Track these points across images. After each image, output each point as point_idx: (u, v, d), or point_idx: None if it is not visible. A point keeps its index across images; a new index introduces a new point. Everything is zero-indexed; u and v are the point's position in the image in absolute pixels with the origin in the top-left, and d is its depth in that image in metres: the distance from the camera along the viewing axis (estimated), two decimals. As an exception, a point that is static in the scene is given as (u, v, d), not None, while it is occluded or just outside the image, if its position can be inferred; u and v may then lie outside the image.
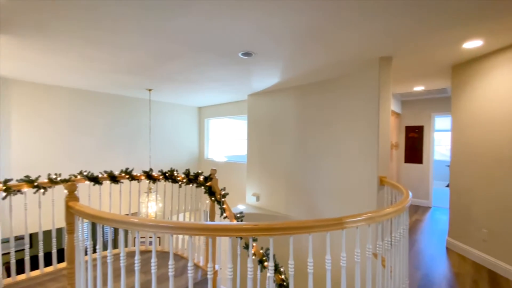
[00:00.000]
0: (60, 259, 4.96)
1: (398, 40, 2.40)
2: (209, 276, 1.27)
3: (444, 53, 2.78)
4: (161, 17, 1.99)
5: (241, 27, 2.13)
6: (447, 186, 7.66)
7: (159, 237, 5.79)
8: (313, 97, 3.90)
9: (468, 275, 2.69)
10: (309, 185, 3.92)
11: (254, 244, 2.36)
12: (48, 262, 5.57)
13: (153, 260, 1.28)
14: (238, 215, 2.39)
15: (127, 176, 2.89)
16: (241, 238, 2.21)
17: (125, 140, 5.35)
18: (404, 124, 5.81)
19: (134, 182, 3.08)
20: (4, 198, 2.19)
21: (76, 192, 1.62)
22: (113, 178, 2.81)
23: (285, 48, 2.56)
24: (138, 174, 2.95)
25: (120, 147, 5.27)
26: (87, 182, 2.66)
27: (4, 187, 2.19)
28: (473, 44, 2.51)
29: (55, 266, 2.52)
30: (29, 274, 2.39)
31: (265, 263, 2.30)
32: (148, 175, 2.98)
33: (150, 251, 2.96)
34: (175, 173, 2.97)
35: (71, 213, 1.58)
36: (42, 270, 2.46)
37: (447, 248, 3.31)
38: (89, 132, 4.82)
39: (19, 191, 2.28)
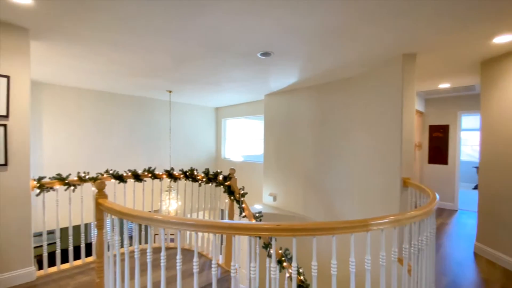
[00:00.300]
0: (88, 253, 5.22)
1: (423, 36, 2.31)
2: (233, 274, 1.28)
3: (472, 49, 2.64)
4: (183, 21, 2.04)
5: (261, 26, 2.14)
6: (475, 188, 7.27)
7: (173, 234, 5.93)
8: (331, 96, 3.84)
9: (498, 282, 2.54)
10: (328, 185, 3.86)
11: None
12: (76, 256, 5.87)
13: (179, 256, 1.32)
14: (257, 214, 2.40)
15: (150, 175, 2.99)
16: (259, 237, 2.23)
17: (147, 140, 5.54)
18: (428, 123, 5.57)
19: (156, 181, 3.17)
20: (38, 194, 2.34)
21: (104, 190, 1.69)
22: (137, 177, 2.91)
23: (304, 47, 2.54)
24: (160, 173, 3.04)
25: (142, 146, 5.46)
26: (113, 180, 2.78)
27: (38, 184, 2.33)
28: (504, 38, 2.36)
29: (84, 260, 2.66)
30: (59, 266, 2.54)
31: (284, 264, 2.30)
32: (170, 174, 3.06)
33: (169, 248, 3.04)
34: (195, 172, 3.03)
35: (100, 210, 1.66)
36: (72, 263, 2.60)
37: (475, 253, 3.14)
38: (113, 132, 5.04)
39: (51, 188, 2.42)
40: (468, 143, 8.43)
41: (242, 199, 2.44)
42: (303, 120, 4.28)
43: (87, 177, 2.57)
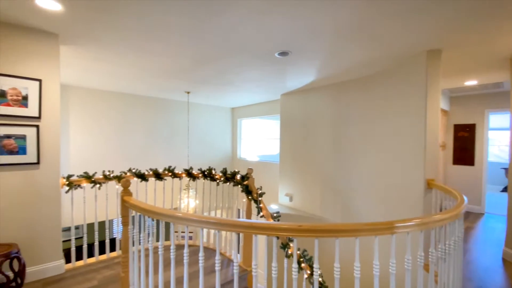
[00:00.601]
0: (111, 248, 5.45)
1: (449, 31, 2.21)
2: (254, 273, 1.29)
3: (502, 44, 2.49)
4: (204, 23, 2.07)
5: (280, 25, 2.13)
6: (503, 190, 6.86)
7: (192, 232, 6.04)
8: (350, 95, 3.76)
9: (532, 291, 2.39)
10: (346, 186, 3.78)
11: (291, 245, 2.35)
12: (101, 250, 6.14)
13: (201, 254, 1.35)
14: (275, 214, 2.40)
15: (170, 174, 3.06)
16: (277, 237, 2.22)
17: (166, 140, 5.69)
18: (453, 122, 5.32)
19: (175, 179, 3.25)
20: (67, 191, 2.46)
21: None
22: (158, 176, 3.00)
23: (323, 45, 2.51)
24: (180, 172, 3.11)
25: (161, 146, 5.62)
26: (135, 179, 2.88)
27: (67, 182, 2.46)
28: (541, 31, 2.21)
29: (108, 254, 2.77)
30: (86, 261, 2.66)
31: (302, 264, 2.28)
32: (189, 173, 3.13)
33: (184, 245, 3.10)
34: (213, 172, 3.08)
35: (126, 207, 1.72)
36: (97, 257, 2.72)
37: (503, 259, 2.97)
38: (134, 132, 5.21)
39: (79, 185, 2.55)
40: (495, 143, 7.97)
41: (260, 199, 2.44)
42: (320, 119, 4.23)
43: (111, 175, 2.68)
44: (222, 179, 2.96)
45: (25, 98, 2.16)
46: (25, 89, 2.16)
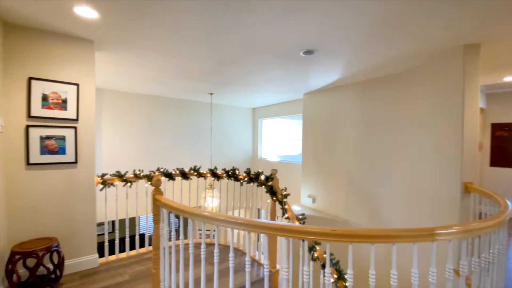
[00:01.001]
0: (140, 244, 5.72)
1: (489, 24, 2.05)
2: (285, 276, 1.28)
3: (555, 34, 2.27)
4: (228, 24, 2.09)
5: (307, 23, 2.10)
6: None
7: (208, 230, 6.13)
8: (378, 93, 3.61)
9: None
10: (373, 189, 3.65)
11: (318, 248, 2.31)
12: (131, 246, 6.44)
13: (231, 254, 1.36)
14: (300, 216, 2.36)
15: (195, 173, 3.13)
16: (303, 240, 2.19)
17: (190, 140, 5.85)
18: (490, 121, 4.95)
19: (198, 178, 3.32)
20: (101, 189, 2.60)
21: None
22: (184, 175, 3.07)
23: (351, 42, 2.43)
24: (205, 172, 3.17)
25: (185, 146, 5.78)
26: (163, 178, 2.97)
27: (101, 180, 2.60)
28: None
29: (138, 250, 2.89)
30: (118, 255, 2.79)
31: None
32: (213, 173, 3.18)
33: (211, 244, 3.15)
34: (237, 172, 3.10)
35: (157, 205, 1.78)
36: (128, 253, 2.84)
37: (554, 272, 2.71)
38: (160, 133, 5.42)
39: (112, 184, 2.68)
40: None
41: (284, 200, 2.42)
42: (345, 119, 4.11)
43: (141, 174, 2.79)
44: (245, 179, 2.97)
45: (64, 101, 2.31)
46: (65, 93, 2.31)
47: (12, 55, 2.11)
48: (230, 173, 3.07)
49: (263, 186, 2.71)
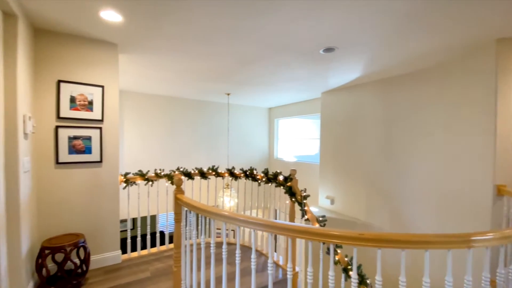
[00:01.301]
0: (160, 241, 5.88)
1: (530, 15, 1.90)
2: (309, 280, 1.25)
3: None
4: (248, 23, 2.08)
5: (329, 21, 2.05)
6: None
7: (233, 230, 6.17)
8: (402, 91, 3.48)
9: None
10: (396, 191, 3.51)
11: (339, 251, 2.25)
12: (150, 243, 6.64)
13: (253, 256, 1.35)
14: (321, 218, 2.31)
15: (213, 173, 3.16)
16: (323, 242, 2.14)
17: (207, 140, 5.93)
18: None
19: (214, 178, 3.35)
20: (124, 188, 2.68)
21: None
22: (203, 174, 3.11)
23: (375, 38, 2.35)
24: (222, 171, 3.19)
25: (203, 146, 5.87)
26: (182, 177, 3.02)
27: (125, 179, 2.68)
28: None
29: (158, 248, 2.96)
30: (140, 252, 2.87)
31: (350, 272, 2.17)
32: (231, 173, 3.19)
33: (230, 244, 3.16)
34: (255, 172, 3.09)
35: (179, 205, 1.81)
36: (149, 250, 2.91)
37: None
38: (179, 133, 5.53)
39: (134, 182, 2.76)
40: None
41: (304, 201, 2.38)
42: (366, 118, 3.99)
43: (162, 173, 2.85)
44: (263, 179, 2.95)
45: (90, 103, 2.40)
46: (91, 94, 2.40)
47: (42, 59, 2.22)
48: (247, 173, 3.07)
49: (282, 187, 2.68)
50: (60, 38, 2.28)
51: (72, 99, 2.32)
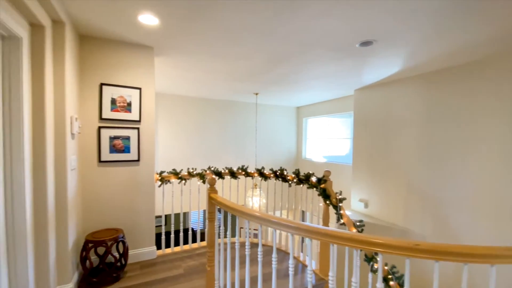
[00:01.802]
0: (192, 239, 6.05)
1: None
2: (331, 286, 1.16)
3: None
4: (279, 19, 2.02)
5: (367, 11, 1.91)
6: None
7: (256, 229, 6.14)
8: (447, 85, 3.17)
9: None
10: (440, 195, 3.21)
11: (379, 259, 2.09)
12: (182, 239, 6.85)
13: (291, 262, 1.28)
14: (358, 223, 2.18)
15: (243, 173, 3.14)
16: (361, 249, 2.01)
17: (235, 140, 5.99)
18: None
19: (239, 178, 3.33)
20: (159, 186, 2.77)
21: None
22: (232, 174, 3.11)
23: (418, 28, 2.16)
24: (252, 171, 3.16)
25: (231, 145, 5.93)
26: (213, 176, 3.05)
27: (160, 178, 2.76)
28: None
29: (190, 245, 3.01)
30: (173, 249, 2.95)
31: (391, 282, 2.01)
32: (261, 173, 3.15)
33: (256, 244, 3.12)
34: (285, 172, 3.02)
35: (212, 204, 1.80)
36: (182, 247, 2.98)
37: None
38: (208, 133, 5.65)
39: (168, 181, 2.84)
40: None
41: (340, 204, 2.26)
42: (405, 115, 3.71)
43: (194, 172, 2.90)
44: (294, 180, 2.87)
45: (129, 104, 2.51)
46: (129, 96, 2.51)
47: (86, 63, 2.36)
48: (277, 173, 3.00)
49: (314, 189, 2.58)
50: (102, 44, 2.41)
51: (113, 101, 2.45)
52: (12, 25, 1.42)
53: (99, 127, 2.41)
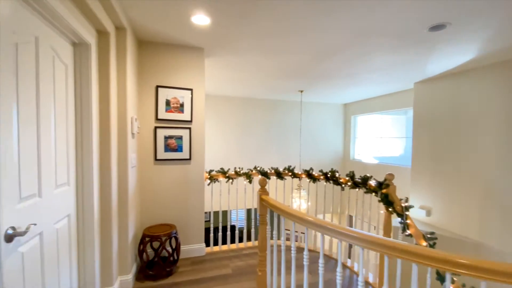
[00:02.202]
0: (237, 238, 6.13)
1: None
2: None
3: None
4: (337, 8, 1.84)
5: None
6: None
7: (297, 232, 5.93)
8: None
9: None
10: (532, 206, 2.65)
11: (455, 279, 1.79)
12: (227, 237, 7.03)
13: (339, 269, 1.12)
14: (429, 235, 1.88)
15: (290, 174, 3.02)
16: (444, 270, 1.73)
17: (278, 139, 5.89)
18: None
19: (286, 178, 3.20)
20: (209, 184, 2.81)
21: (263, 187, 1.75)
22: (279, 174, 3.01)
23: (504, 6, 1.77)
24: (300, 172, 3.02)
25: (274, 145, 5.85)
26: (259, 176, 2.99)
27: (209, 176, 2.80)
28: None
29: (237, 244, 3.00)
30: (221, 247, 2.97)
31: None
32: (309, 174, 2.99)
33: (302, 248, 2.95)
34: (337, 175, 2.81)
35: (264, 206, 1.72)
36: (229, 245, 2.98)
37: None
38: (251, 133, 5.66)
39: (216, 179, 2.86)
40: None
41: (406, 213, 1.99)
42: (480, 111, 3.17)
43: (241, 172, 2.88)
44: (348, 183, 2.64)
45: (181, 105, 2.59)
46: (182, 97, 2.58)
47: (143, 67, 2.49)
48: (328, 175, 2.81)
49: (374, 194, 2.33)
50: (157, 48, 2.52)
51: (167, 102, 2.55)
52: (83, 32, 1.52)
53: (155, 127, 2.53)
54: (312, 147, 6.25)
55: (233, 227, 8.03)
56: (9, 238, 0.98)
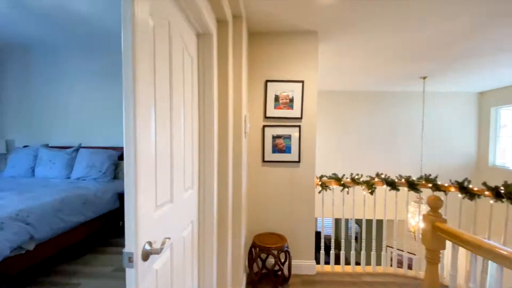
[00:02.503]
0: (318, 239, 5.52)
1: None
2: None
3: None
4: None
5: None
6: None
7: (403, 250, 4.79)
8: None
9: None
10: None
11: None
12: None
13: None
14: None
15: (430, 185, 2.28)
16: None
17: (385, 139, 4.97)
18: None
19: (422, 191, 2.42)
20: (320, 191, 2.41)
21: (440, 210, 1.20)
22: (412, 185, 2.32)
23: None
24: (447, 185, 2.24)
25: (380, 145, 4.97)
26: (384, 186, 2.39)
27: (320, 183, 2.40)
28: None
29: (353, 267, 2.48)
30: (333, 267, 2.51)
31: None
32: (462, 187, 2.18)
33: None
34: (471, 186, 1.92)
35: (438, 237, 1.18)
36: (343, 267, 2.49)
37: None
38: (353, 131, 4.97)
39: (328, 187, 2.43)
40: None
41: None
42: None
43: (361, 180, 2.35)
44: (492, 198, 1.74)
45: (291, 100, 2.28)
46: (292, 91, 2.27)
47: (253, 61, 2.30)
48: (502, 191, 1.94)
49: None
50: (267, 38, 2.29)
51: (276, 98, 2.29)
52: (209, 20, 1.37)
53: (264, 126, 2.31)
54: (433, 148, 5.00)
55: (318, 233, 7.43)
56: (146, 256, 0.82)
